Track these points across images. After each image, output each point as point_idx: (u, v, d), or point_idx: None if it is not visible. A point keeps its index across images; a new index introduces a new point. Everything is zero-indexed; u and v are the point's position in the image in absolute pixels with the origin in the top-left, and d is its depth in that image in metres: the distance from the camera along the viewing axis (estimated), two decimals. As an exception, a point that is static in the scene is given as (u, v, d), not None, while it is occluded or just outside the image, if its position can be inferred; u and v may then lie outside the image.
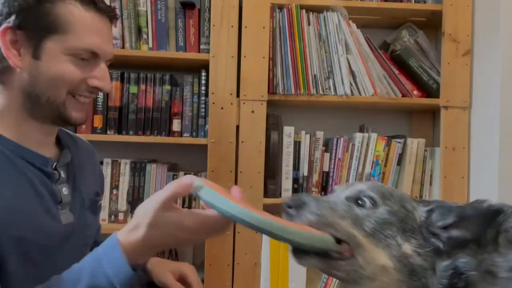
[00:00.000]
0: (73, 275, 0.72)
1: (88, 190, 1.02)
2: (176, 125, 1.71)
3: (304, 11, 1.71)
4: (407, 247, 0.66)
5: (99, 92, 0.94)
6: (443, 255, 0.66)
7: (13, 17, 0.83)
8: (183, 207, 1.71)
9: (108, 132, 1.69)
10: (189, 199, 1.73)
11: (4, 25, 0.83)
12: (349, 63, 1.71)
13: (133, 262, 0.70)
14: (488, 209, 0.65)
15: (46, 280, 0.75)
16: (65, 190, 0.93)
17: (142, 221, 0.70)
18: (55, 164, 0.93)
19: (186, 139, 1.71)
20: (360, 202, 0.69)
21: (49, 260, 0.87)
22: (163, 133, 1.70)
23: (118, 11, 1.13)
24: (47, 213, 0.88)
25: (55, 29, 0.84)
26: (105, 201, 1.66)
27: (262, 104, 1.66)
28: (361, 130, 1.81)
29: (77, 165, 1.00)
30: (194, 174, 1.73)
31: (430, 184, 1.78)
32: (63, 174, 0.95)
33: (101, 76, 0.90)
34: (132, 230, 0.71)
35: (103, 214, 1.66)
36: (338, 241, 0.65)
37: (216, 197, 0.65)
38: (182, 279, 1.05)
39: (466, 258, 0.65)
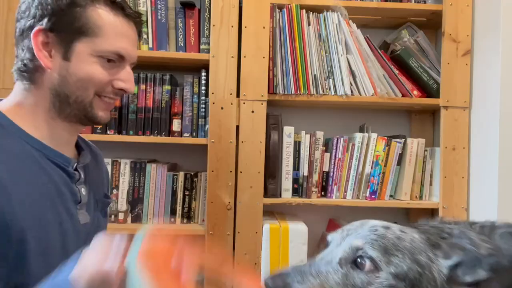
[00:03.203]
0: None
1: (99, 191, 1.05)
2: (176, 125, 1.71)
3: (304, 11, 1.71)
4: None
5: (124, 94, 0.97)
6: None
7: (45, 20, 0.86)
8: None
9: (108, 132, 1.69)
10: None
11: (37, 27, 0.86)
12: (349, 63, 1.71)
13: None
14: None
15: None
16: (83, 191, 0.96)
17: None
18: (75, 164, 0.95)
19: (186, 139, 1.71)
20: (358, 262, 0.57)
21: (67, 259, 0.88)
22: (163, 133, 1.70)
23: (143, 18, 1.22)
24: (67, 213, 0.89)
25: (85, 32, 0.87)
26: (105, 201, 1.67)
27: (262, 104, 1.66)
28: (361, 130, 1.81)
29: (91, 167, 1.03)
30: (194, 174, 1.74)
31: (430, 184, 1.78)
32: (82, 175, 0.97)
33: (126, 79, 0.94)
34: None
35: (103, 214, 1.66)
36: None
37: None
38: None
39: None
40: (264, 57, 1.66)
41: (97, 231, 0.99)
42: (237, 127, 1.67)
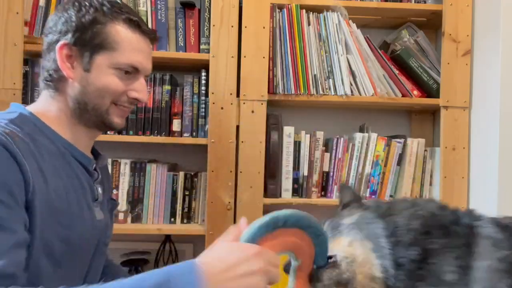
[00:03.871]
0: (135, 282, 0.69)
1: (109, 193, 1.15)
2: (176, 125, 1.71)
3: (304, 11, 1.71)
4: None
5: (137, 103, 1.06)
6: None
7: (69, 35, 0.96)
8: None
9: (108, 132, 1.69)
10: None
11: (62, 41, 0.96)
12: (349, 63, 1.71)
13: None
14: None
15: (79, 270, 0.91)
16: (100, 190, 1.05)
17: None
18: (94, 165, 1.04)
19: (186, 139, 1.71)
20: None
21: (84, 250, 0.98)
22: (163, 133, 1.70)
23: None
24: (87, 206, 0.98)
25: (105, 46, 0.97)
26: (105, 201, 1.67)
27: (262, 104, 1.66)
28: (361, 130, 1.81)
29: (104, 170, 1.13)
30: (194, 174, 1.74)
31: (430, 184, 1.78)
32: (100, 175, 1.07)
33: (140, 89, 1.03)
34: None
35: (103, 214, 1.67)
36: None
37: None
38: None
39: None
40: (264, 57, 1.66)
41: (107, 229, 1.07)
42: (237, 127, 1.66)
